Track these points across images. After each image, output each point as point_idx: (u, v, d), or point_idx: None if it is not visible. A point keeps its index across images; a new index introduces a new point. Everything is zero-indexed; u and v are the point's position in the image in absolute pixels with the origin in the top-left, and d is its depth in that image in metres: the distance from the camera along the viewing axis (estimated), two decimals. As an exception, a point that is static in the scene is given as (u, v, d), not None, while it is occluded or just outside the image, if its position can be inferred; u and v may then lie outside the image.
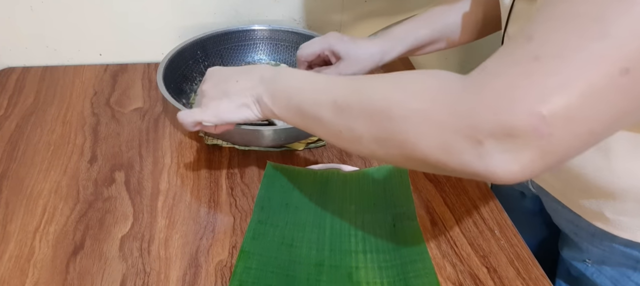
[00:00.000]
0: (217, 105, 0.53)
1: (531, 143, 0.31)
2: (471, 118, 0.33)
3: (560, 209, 0.62)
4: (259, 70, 0.53)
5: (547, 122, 0.30)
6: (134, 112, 0.80)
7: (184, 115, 0.55)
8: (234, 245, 0.58)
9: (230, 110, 0.52)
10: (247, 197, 0.65)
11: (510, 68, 0.33)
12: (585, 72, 0.30)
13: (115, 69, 0.92)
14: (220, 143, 0.73)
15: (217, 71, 0.56)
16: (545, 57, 0.31)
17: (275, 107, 0.49)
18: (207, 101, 0.54)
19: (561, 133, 0.31)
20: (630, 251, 0.55)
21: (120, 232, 0.59)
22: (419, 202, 0.65)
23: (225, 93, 0.53)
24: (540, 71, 0.31)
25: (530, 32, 0.33)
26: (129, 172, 0.68)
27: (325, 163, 0.70)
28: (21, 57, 0.91)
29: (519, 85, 0.31)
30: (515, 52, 0.33)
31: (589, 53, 0.30)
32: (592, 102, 0.30)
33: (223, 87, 0.53)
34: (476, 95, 0.33)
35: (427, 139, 0.36)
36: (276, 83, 0.50)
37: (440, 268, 0.56)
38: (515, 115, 0.31)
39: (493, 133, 0.32)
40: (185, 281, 0.54)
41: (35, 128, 0.75)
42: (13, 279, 0.53)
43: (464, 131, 0.33)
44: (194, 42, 0.83)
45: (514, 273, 0.56)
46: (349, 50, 0.68)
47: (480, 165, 0.33)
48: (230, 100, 0.52)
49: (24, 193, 0.64)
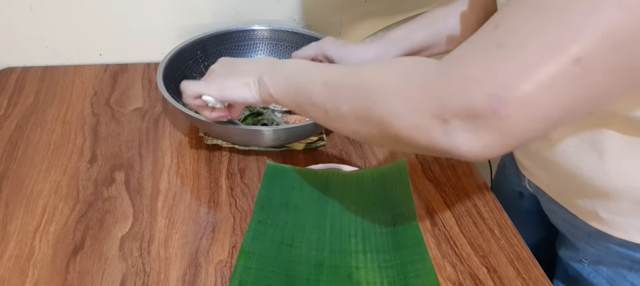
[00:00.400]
0: (222, 81, 0.57)
1: (490, 123, 0.34)
2: (439, 98, 0.36)
3: (556, 209, 0.62)
4: (268, 59, 0.58)
5: (505, 104, 0.33)
6: (134, 112, 0.80)
7: (187, 84, 0.58)
8: (234, 245, 0.58)
9: (233, 87, 0.56)
10: (247, 197, 0.65)
11: (475, 53, 0.36)
12: (542, 59, 0.32)
13: (115, 69, 0.92)
14: (220, 143, 0.73)
15: (230, 58, 0.62)
16: (507, 45, 0.34)
17: (273, 87, 0.53)
18: (214, 77, 0.58)
19: (518, 115, 0.33)
20: (626, 251, 0.55)
21: (120, 232, 0.59)
22: (419, 202, 0.65)
23: (231, 72, 0.57)
24: (502, 57, 0.33)
25: (498, 19, 0.36)
26: (129, 172, 0.68)
27: (325, 163, 0.70)
28: (21, 57, 0.91)
29: (481, 69, 0.34)
30: (482, 39, 0.36)
31: (548, 42, 0.32)
32: (547, 88, 0.32)
33: (231, 67, 0.58)
34: (444, 78, 0.37)
35: (401, 117, 0.39)
36: (278, 67, 0.55)
37: (440, 268, 0.56)
38: (476, 96, 0.34)
39: (457, 113, 0.35)
40: (185, 281, 0.54)
41: (35, 128, 0.75)
42: (13, 279, 0.53)
43: (432, 110, 0.37)
44: (194, 42, 0.83)
45: (514, 273, 0.56)
46: (341, 55, 0.69)
47: (446, 142, 0.37)
48: (234, 78, 0.56)
49: (24, 193, 0.64)
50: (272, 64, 0.56)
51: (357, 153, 0.74)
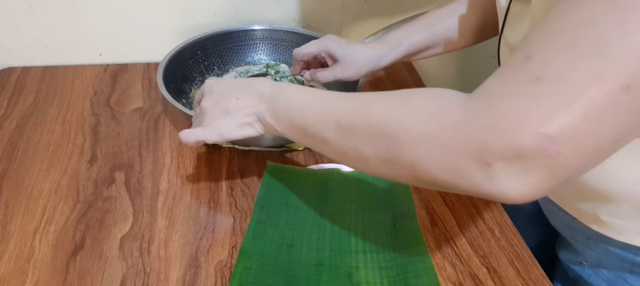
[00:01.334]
0: (219, 124, 0.54)
1: (539, 163, 0.32)
2: (478, 141, 0.33)
3: (556, 212, 0.62)
4: (259, 86, 0.53)
5: (554, 141, 0.31)
6: (134, 112, 0.80)
7: (187, 135, 0.55)
8: (234, 245, 0.58)
9: (233, 128, 0.53)
10: (247, 197, 0.65)
11: (512, 89, 0.33)
12: (587, 90, 0.30)
13: (115, 69, 0.92)
14: (220, 143, 0.73)
15: (216, 85, 0.56)
16: (547, 78, 0.31)
17: (278, 125, 0.50)
18: (209, 119, 0.54)
19: (568, 152, 0.31)
20: (626, 254, 0.55)
21: (120, 232, 0.59)
22: (419, 202, 0.65)
23: (226, 111, 0.53)
24: (543, 92, 0.31)
25: (529, 51, 0.33)
26: (129, 172, 0.68)
27: (325, 163, 0.70)
28: (21, 57, 0.91)
29: (522, 106, 0.32)
30: (515, 72, 0.33)
31: (590, 72, 0.30)
32: (596, 120, 0.30)
33: (223, 105, 0.54)
34: (481, 118, 0.34)
35: (436, 162, 0.36)
36: (277, 101, 0.50)
37: (440, 268, 0.56)
38: (522, 136, 0.31)
39: (501, 155, 0.32)
40: (185, 281, 0.54)
41: (35, 128, 0.75)
42: (13, 279, 0.53)
43: (471, 154, 0.34)
44: (194, 42, 0.83)
45: (514, 273, 0.56)
46: (345, 53, 0.69)
47: (490, 187, 0.34)
48: (232, 118, 0.53)
49: (24, 193, 0.64)
50: (267, 95, 0.51)
51: (357, 153, 0.74)
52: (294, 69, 0.76)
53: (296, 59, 0.73)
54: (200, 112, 0.56)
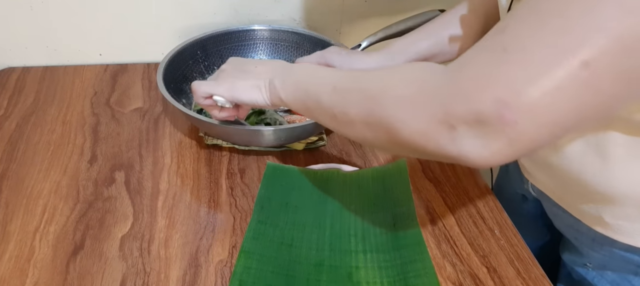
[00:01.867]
0: (232, 82, 0.57)
1: (498, 130, 0.33)
2: (445, 104, 0.36)
3: (560, 214, 0.62)
4: (279, 62, 0.58)
5: (512, 109, 0.32)
6: (134, 112, 0.80)
7: (198, 84, 0.58)
8: (234, 245, 0.58)
9: (244, 88, 0.56)
10: (247, 197, 0.65)
11: (481, 58, 0.35)
12: (548, 64, 0.32)
13: (115, 69, 0.92)
14: (220, 143, 0.73)
15: (241, 59, 0.61)
16: (513, 50, 0.33)
17: (283, 91, 0.53)
18: (225, 77, 0.58)
19: (526, 122, 0.32)
20: (631, 256, 0.55)
21: (120, 232, 0.59)
22: (419, 202, 0.65)
23: (242, 73, 0.57)
24: (507, 61, 0.33)
25: (505, 24, 0.35)
26: (129, 172, 0.68)
27: (325, 163, 0.70)
28: (21, 57, 0.91)
29: (486, 73, 0.34)
30: (488, 43, 0.35)
31: (552, 47, 0.32)
32: (554, 93, 0.32)
33: (242, 68, 0.58)
34: (450, 83, 0.36)
35: (409, 124, 0.38)
36: (289, 72, 0.54)
37: (440, 268, 0.56)
38: (482, 102, 0.33)
39: (464, 119, 0.34)
40: (185, 281, 0.54)
41: (35, 128, 0.75)
42: (13, 279, 0.53)
43: (439, 116, 0.36)
44: (194, 42, 0.83)
45: (514, 273, 0.56)
46: (343, 64, 0.68)
47: (453, 149, 0.36)
48: (245, 79, 0.56)
49: (24, 193, 0.64)
50: (284, 68, 0.56)
51: (357, 153, 0.74)
52: None
53: None
54: (218, 73, 0.60)
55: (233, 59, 0.61)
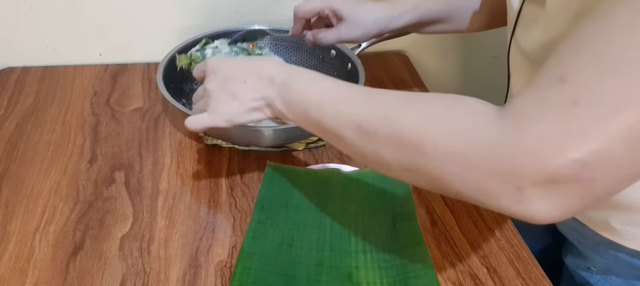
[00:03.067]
0: (226, 109, 0.51)
1: (573, 189, 0.31)
2: (511, 164, 0.32)
3: None
4: (267, 68, 0.49)
5: (590, 168, 0.30)
6: (134, 112, 0.80)
7: (194, 122, 0.53)
8: (234, 245, 0.58)
9: (241, 113, 0.51)
10: (247, 197, 0.65)
11: (546, 112, 0.32)
12: (627, 116, 0.30)
13: (115, 69, 0.92)
14: (220, 143, 0.73)
15: (220, 66, 0.52)
16: (584, 103, 0.31)
17: (290, 114, 0.48)
18: (215, 104, 0.52)
19: (603, 178, 0.31)
20: (637, 262, 0.54)
21: (120, 232, 0.59)
22: (419, 202, 0.65)
23: (233, 95, 0.51)
24: (580, 117, 0.30)
25: (562, 72, 0.32)
26: (129, 172, 0.68)
27: (325, 163, 0.70)
28: (21, 57, 0.91)
29: (559, 132, 0.31)
30: (549, 93, 0.32)
31: (627, 97, 0.30)
32: (632, 146, 0.30)
33: (230, 88, 0.51)
34: (515, 141, 0.32)
35: (464, 180, 0.35)
36: (289, 89, 0.47)
37: (440, 268, 0.56)
38: (557, 162, 0.31)
39: (534, 180, 0.32)
40: (185, 281, 0.54)
41: (35, 128, 0.75)
42: (13, 279, 0.53)
43: (503, 177, 0.33)
44: (194, 42, 0.83)
45: (514, 273, 0.56)
46: (352, 12, 0.63)
47: (519, 209, 0.33)
48: (239, 103, 0.50)
49: (24, 193, 0.64)
50: (278, 81, 0.48)
51: (357, 153, 0.74)
52: (294, 29, 0.70)
53: (297, 17, 0.67)
54: (205, 95, 0.53)
55: (214, 69, 0.53)
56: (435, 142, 0.36)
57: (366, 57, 0.93)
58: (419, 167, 0.37)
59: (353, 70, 0.78)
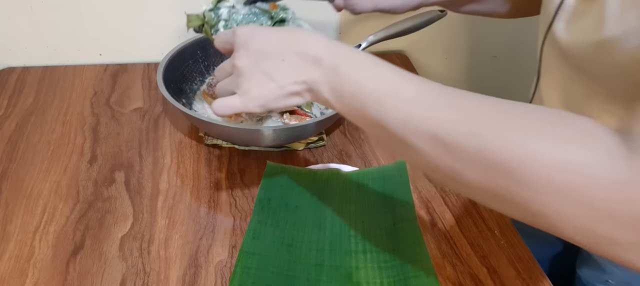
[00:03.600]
0: (261, 92, 0.43)
1: None
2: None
3: None
4: (313, 46, 0.41)
5: None
6: (134, 112, 0.80)
7: (222, 107, 0.45)
8: (234, 245, 0.58)
9: (278, 98, 0.43)
10: (247, 197, 0.65)
11: None
12: None
13: (115, 69, 0.92)
14: (220, 143, 0.73)
15: (254, 39, 0.43)
16: None
17: (341, 106, 0.40)
18: (248, 85, 0.43)
19: None
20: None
21: (120, 232, 0.59)
22: (419, 202, 0.65)
23: (269, 75, 0.42)
24: None
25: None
26: (129, 172, 0.68)
27: (325, 163, 0.70)
28: (21, 57, 0.91)
29: None
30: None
31: None
32: None
33: (265, 67, 0.42)
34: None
35: (572, 219, 0.30)
36: (340, 76, 0.39)
37: (440, 268, 0.56)
38: None
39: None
40: (185, 281, 0.54)
41: (35, 128, 0.75)
42: (13, 279, 0.53)
43: (627, 222, 0.28)
44: (194, 42, 0.83)
45: (514, 274, 0.56)
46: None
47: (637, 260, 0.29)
48: (276, 84, 0.42)
49: (24, 193, 0.64)
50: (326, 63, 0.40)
51: (357, 153, 0.74)
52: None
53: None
54: (234, 73, 0.45)
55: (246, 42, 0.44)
56: (540, 171, 0.30)
57: (366, 57, 0.93)
58: (513, 195, 0.31)
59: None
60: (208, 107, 0.79)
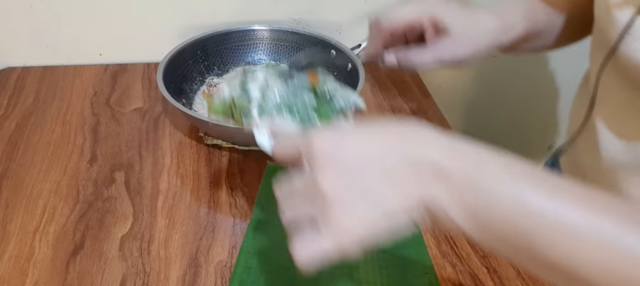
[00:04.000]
0: (358, 222, 0.32)
1: None
2: None
3: None
4: (429, 151, 0.31)
5: None
6: (134, 112, 0.80)
7: (307, 254, 0.35)
8: (234, 245, 0.58)
9: (384, 229, 0.32)
10: (247, 197, 0.65)
11: None
12: None
13: (115, 69, 0.92)
14: (220, 143, 0.73)
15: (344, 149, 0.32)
16: None
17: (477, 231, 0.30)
18: (339, 214, 0.32)
19: None
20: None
21: (120, 232, 0.59)
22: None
23: (369, 198, 0.32)
24: None
25: None
26: (129, 172, 0.68)
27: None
28: (21, 57, 0.91)
29: None
30: None
31: None
32: None
33: (362, 186, 0.31)
34: None
35: None
36: (477, 190, 0.30)
37: (440, 268, 0.56)
38: None
39: None
40: (185, 281, 0.54)
41: (35, 128, 0.75)
42: (13, 279, 0.53)
43: None
44: (194, 42, 0.83)
45: (514, 274, 0.56)
46: (459, 22, 0.48)
47: None
48: (382, 210, 0.32)
49: (24, 193, 0.64)
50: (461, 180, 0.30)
51: (357, 153, 0.74)
52: (371, 46, 0.53)
53: (380, 30, 0.50)
54: (318, 199, 0.32)
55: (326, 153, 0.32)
56: None
57: (366, 57, 0.93)
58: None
59: (353, 70, 0.79)
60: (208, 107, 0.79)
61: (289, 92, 0.49)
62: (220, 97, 0.49)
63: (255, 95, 0.48)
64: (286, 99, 0.49)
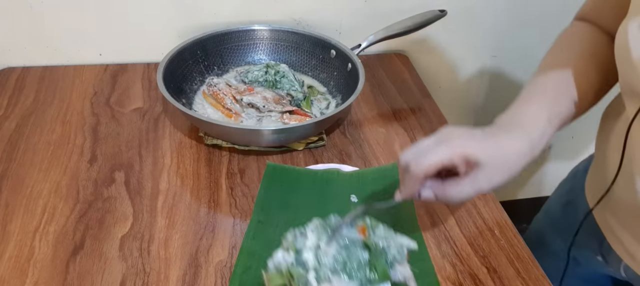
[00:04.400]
0: None
1: None
2: None
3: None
4: None
5: None
6: (134, 112, 0.80)
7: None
8: (234, 245, 0.58)
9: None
10: (247, 197, 0.65)
11: None
12: None
13: (115, 69, 0.92)
14: (220, 143, 0.73)
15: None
16: None
17: None
18: None
19: None
20: None
21: (120, 232, 0.59)
22: (419, 202, 0.65)
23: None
24: None
25: None
26: (129, 172, 0.68)
27: (325, 163, 0.70)
28: (21, 57, 0.91)
29: None
30: None
31: None
32: None
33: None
34: None
35: None
36: None
37: (440, 268, 0.56)
38: None
39: None
40: (185, 281, 0.54)
41: (35, 128, 0.75)
42: (13, 279, 0.53)
43: None
44: (194, 42, 0.83)
45: (514, 273, 0.56)
46: (491, 153, 0.48)
47: None
48: None
49: (24, 193, 0.64)
50: None
51: (357, 154, 0.74)
52: (407, 191, 0.51)
53: (416, 176, 0.48)
54: None
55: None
56: None
57: (366, 57, 0.93)
58: None
59: (353, 70, 0.79)
60: (208, 107, 0.79)
61: (342, 252, 0.49)
62: (276, 264, 0.49)
63: (311, 261, 0.48)
64: (341, 261, 0.48)
